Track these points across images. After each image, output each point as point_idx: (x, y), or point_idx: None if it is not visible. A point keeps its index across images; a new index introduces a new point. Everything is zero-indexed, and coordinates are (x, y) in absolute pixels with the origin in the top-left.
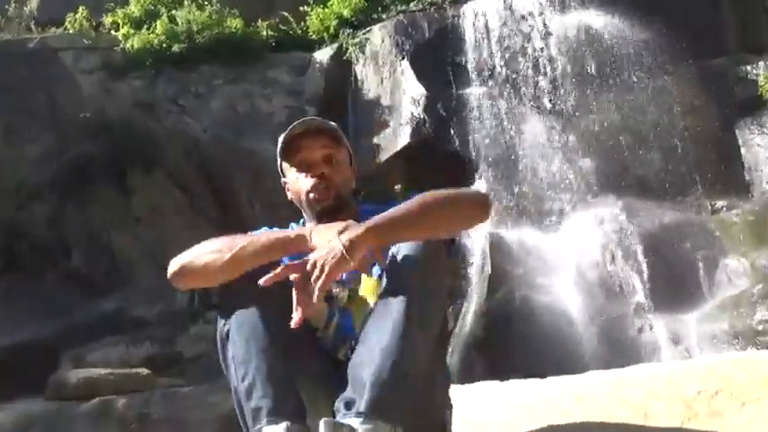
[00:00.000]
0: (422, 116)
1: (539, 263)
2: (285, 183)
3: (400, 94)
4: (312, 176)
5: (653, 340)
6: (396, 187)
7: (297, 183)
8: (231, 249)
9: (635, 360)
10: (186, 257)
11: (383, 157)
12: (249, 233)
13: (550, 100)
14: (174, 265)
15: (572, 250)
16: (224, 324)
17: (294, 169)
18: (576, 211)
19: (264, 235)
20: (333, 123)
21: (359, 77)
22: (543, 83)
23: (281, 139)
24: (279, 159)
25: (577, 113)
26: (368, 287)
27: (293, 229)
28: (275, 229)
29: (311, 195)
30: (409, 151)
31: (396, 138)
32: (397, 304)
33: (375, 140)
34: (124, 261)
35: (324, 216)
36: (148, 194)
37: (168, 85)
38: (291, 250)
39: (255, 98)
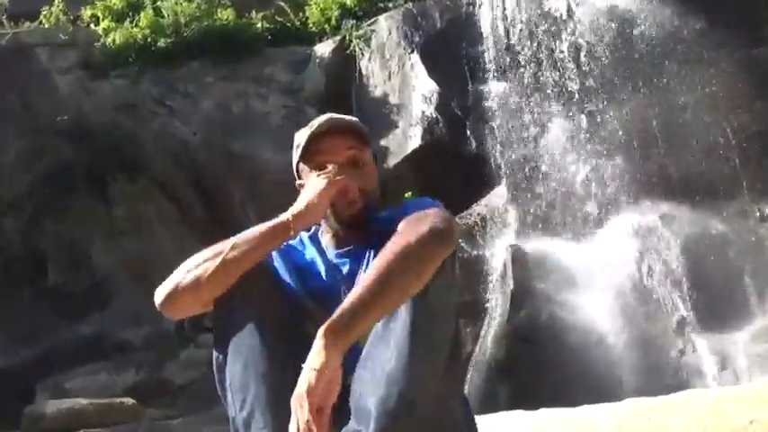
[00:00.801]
0: (434, 115)
1: (567, 277)
2: (301, 186)
3: (410, 92)
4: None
5: (696, 363)
6: (406, 195)
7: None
8: (220, 254)
9: (677, 385)
10: (173, 281)
11: (392, 161)
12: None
13: (579, 95)
14: (160, 293)
15: (604, 263)
16: (219, 348)
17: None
18: (607, 219)
19: (250, 230)
20: (357, 120)
21: (364, 73)
22: (570, 76)
23: (299, 136)
24: (295, 159)
25: (609, 110)
26: None
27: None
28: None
29: (339, 207)
30: (420, 154)
31: (405, 140)
32: (400, 324)
33: (382, 143)
34: (106, 278)
35: (345, 229)
36: (133, 205)
37: (154, 84)
38: (281, 236)
39: (250, 97)
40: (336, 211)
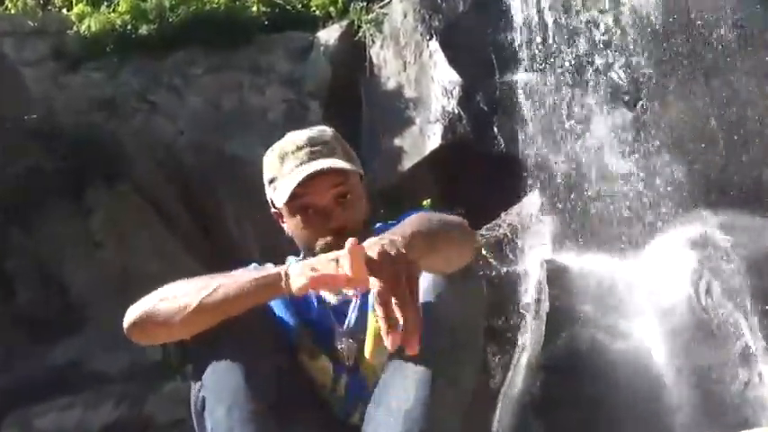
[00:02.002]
0: (456, 111)
1: (612, 298)
2: (278, 216)
3: (428, 84)
4: (325, 229)
5: (764, 395)
6: (424, 203)
7: (301, 230)
8: (201, 291)
9: (741, 422)
10: (144, 307)
11: (407, 164)
12: (233, 272)
13: (625, 87)
14: (129, 315)
15: (655, 281)
16: (199, 388)
17: (298, 216)
18: (659, 230)
19: (240, 273)
20: (334, 138)
21: (375, 63)
22: (615, 66)
23: (270, 166)
24: (270, 194)
25: (661, 105)
26: (378, 331)
27: (271, 267)
28: (268, 265)
29: (323, 249)
30: (440, 156)
31: (423, 139)
32: (419, 356)
33: (397, 143)
34: (81, 299)
35: None
36: (111, 214)
37: (135, 77)
38: (268, 295)
39: (245, 91)
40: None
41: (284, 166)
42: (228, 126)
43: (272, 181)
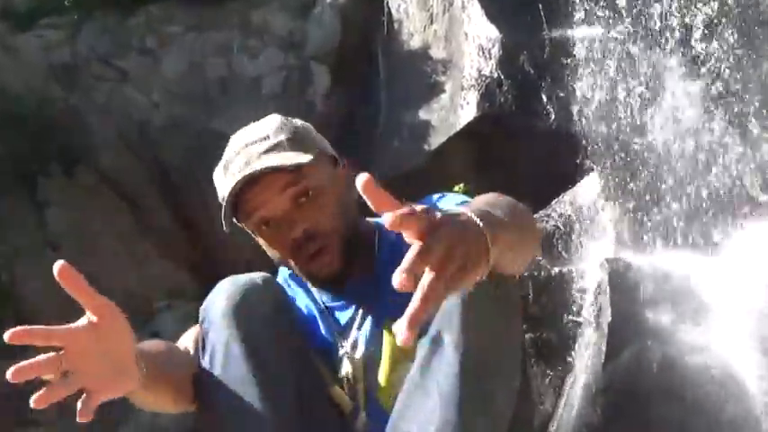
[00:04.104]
0: (496, 74)
1: (689, 304)
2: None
3: (460, 42)
4: (289, 243)
5: None
6: (455, 188)
7: (272, 251)
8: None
9: None
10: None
11: (436, 140)
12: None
13: (705, 47)
14: None
15: (740, 284)
16: (202, 414)
17: (259, 235)
18: (745, 224)
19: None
20: (279, 127)
21: (395, 17)
22: (696, 20)
23: (221, 186)
24: (225, 217)
25: (750, 69)
26: (396, 352)
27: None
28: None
29: (304, 268)
30: (476, 130)
31: (455, 110)
32: (444, 366)
33: (422, 116)
34: (35, 312)
35: (330, 282)
36: (71, 208)
37: (98, 38)
38: None
39: (234, 54)
40: (307, 275)
41: (227, 179)
42: (214, 97)
43: (222, 201)
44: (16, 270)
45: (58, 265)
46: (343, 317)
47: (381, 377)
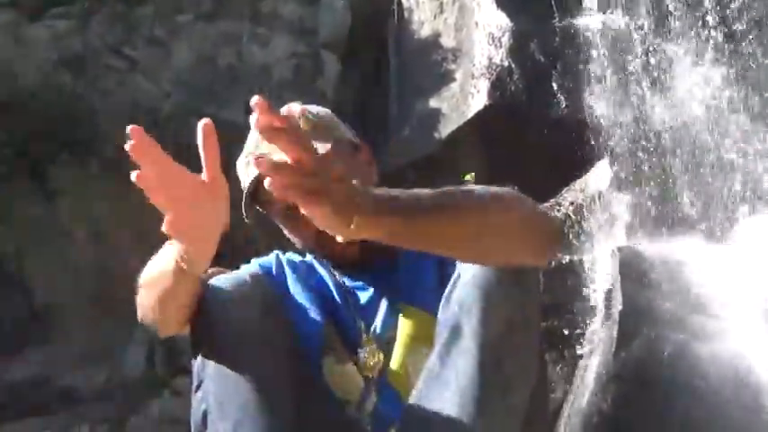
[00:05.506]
0: (507, 63)
1: (702, 291)
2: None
3: (471, 30)
4: (313, 228)
5: None
6: (466, 177)
7: (296, 233)
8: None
9: None
10: (140, 303)
11: (446, 129)
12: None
13: (723, 32)
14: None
15: (753, 272)
16: (200, 399)
17: (282, 220)
18: (761, 208)
19: (153, 263)
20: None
21: (405, 6)
22: (709, 5)
23: (243, 178)
24: (245, 207)
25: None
26: (415, 330)
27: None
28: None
29: (328, 252)
30: (487, 118)
31: (465, 98)
32: (463, 358)
33: (432, 104)
34: (48, 303)
35: (351, 264)
36: (82, 198)
37: (109, 28)
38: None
39: (244, 43)
40: (330, 258)
41: (249, 169)
42: (224, 86)
43: (245, 190)
44: (27, 259)
45: (203, 122)
46: (362, 296)
47: (395, 361)
